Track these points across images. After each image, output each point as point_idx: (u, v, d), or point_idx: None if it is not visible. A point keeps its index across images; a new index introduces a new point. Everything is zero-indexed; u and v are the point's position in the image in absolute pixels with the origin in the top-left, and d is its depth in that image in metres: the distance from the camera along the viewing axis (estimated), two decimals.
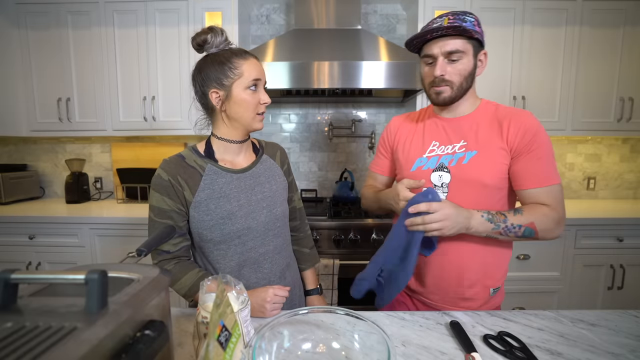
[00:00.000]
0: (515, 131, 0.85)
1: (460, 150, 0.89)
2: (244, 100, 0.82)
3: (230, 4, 1.96)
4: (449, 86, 0.86)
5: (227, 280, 0.63)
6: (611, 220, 1.80)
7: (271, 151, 0.99)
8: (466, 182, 0.87)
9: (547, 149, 0.85)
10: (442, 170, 0.90)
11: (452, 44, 0.83)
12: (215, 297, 0.51)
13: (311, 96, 2.19)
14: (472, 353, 0.64)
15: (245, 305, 0.63)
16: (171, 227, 0.79)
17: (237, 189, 0.86)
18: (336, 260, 1.70)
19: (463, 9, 1.91)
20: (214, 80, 0.81)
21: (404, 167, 0.97)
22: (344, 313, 0.65)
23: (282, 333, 0.65)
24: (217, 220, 0.84)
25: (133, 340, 0.37)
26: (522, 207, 0.86)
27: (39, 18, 2.05)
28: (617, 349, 0.66)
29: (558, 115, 2.03)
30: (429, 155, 0.93)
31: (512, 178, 0.88)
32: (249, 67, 0.82)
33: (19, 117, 2.11)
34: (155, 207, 0.83)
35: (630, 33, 1.97)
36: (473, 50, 0.85)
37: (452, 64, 0.85)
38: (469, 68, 0.85)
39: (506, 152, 0.86)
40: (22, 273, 0.37)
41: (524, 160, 0.85)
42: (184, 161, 0.85)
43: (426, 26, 0.86)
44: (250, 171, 0.90)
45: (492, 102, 0.94)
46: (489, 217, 0.82)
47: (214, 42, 0.82)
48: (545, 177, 0.84)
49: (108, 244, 1.88)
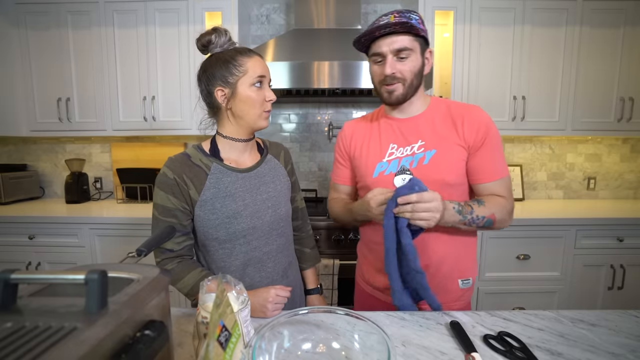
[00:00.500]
0: (470, 127, 0.87)
1: (419, 151, 0.90)
2: (249, 97, 0.82)
3: (230, 4, 1.96)
4: (400, 83, 0.86)
5: (227, 280, 0.63)
6: (611, 220, 1.80)
7: (275, 151, 0.99)
8: (429, 183, 0.87)
9: (499, 142, 0.89)
10: (405, 173, 0.90)
11: (400, 41, 0.83)
12: (215, 297, 0.51)
13: (311, 96, 2.19)
14: (472, 353, 0.64)
15: (245, 305, 0.63)
16: (171, 227, 0.79)
17: (242, 189, 0.87)
18: (336, 260, 1.70)
19: (463, 9, 1.94)
20: (219, 79, 0.82)
21: (365, 174, 0.95)
22: (344, 313, 0.65)
23: (282, 333, 0.65)
24: (223, 219, 0.84)
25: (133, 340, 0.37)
26: (483, 199, 0.88)
27: (39, 18, 2.05)
28: (617, 349, 0.66)
29: (558, 115, 2.03)
30: (388, 159, 0.92)
31: (469, 172, 0.90)
32: (253, 64, 0.82)
33: (19, 117, 2.11)
34: (160, 206, 0.83)
35: (630, 33, 1.97)
36: (420, 48, 0.86)
37: (401, 61, 0.85)
38: (418, 65, 0.86)
39: (463, 148, 0.88)
40: (22, 273, 0.37)
41: (480, 155, 0.88)
42: (190, 160, 0.86)
43: (373, 24, 0.86)
44: (255, 171, 0.90)
45: (442, 99, 0.96)
46: (458, 209, 0.83)
47: (218, 42, 0.83)
48: (500, 170, 0.88)
49: (108, 244, 1.88)
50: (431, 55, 0.89)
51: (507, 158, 2.37)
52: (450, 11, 1.98)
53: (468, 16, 1.96)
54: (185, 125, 2.06)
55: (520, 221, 1.79)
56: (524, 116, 2.02)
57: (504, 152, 2.35)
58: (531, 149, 2.37)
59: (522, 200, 2.30)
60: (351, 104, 2.37)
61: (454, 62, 1.99)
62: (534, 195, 2.40)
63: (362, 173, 0.97)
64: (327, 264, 1.69)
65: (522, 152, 2.37)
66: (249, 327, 0.65)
